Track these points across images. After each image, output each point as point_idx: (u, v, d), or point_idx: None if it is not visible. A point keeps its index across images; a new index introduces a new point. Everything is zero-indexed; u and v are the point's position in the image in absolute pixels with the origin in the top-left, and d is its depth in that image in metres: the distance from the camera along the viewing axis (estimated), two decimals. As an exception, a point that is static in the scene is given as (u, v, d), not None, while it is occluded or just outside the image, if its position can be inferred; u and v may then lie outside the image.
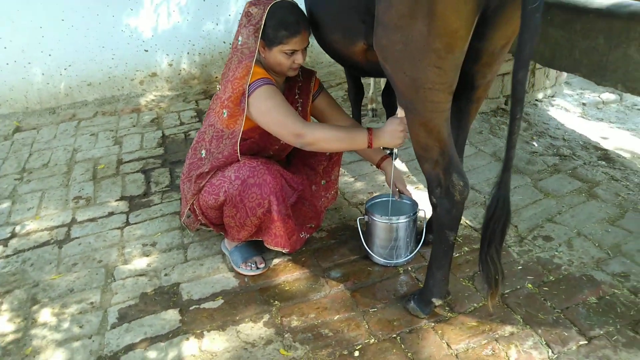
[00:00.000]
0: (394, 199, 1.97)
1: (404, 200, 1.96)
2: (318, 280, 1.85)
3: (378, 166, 1.99)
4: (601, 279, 1.74)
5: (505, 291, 1.72)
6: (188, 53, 3.91)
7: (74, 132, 3.31)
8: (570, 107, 3.24)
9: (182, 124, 3.37)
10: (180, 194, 2.00)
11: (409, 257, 1.88)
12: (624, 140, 2.81)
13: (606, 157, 2.58)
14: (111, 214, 2.37)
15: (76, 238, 2.20)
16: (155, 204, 2.43)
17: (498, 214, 1.36)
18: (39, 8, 3.40)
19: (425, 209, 1.89)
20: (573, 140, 2.79)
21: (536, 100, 3.27)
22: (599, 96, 3.37)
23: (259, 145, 1.88)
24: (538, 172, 2.46)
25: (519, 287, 1.74)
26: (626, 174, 2.40)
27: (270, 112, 1.67)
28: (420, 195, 2.23)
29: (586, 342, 1.50)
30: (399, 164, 2.56)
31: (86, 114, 3.59)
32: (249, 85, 1.66)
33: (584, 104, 3.28)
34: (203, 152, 1.84)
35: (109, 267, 2.00)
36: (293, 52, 1.71)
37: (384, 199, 2.01)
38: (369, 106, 3.13)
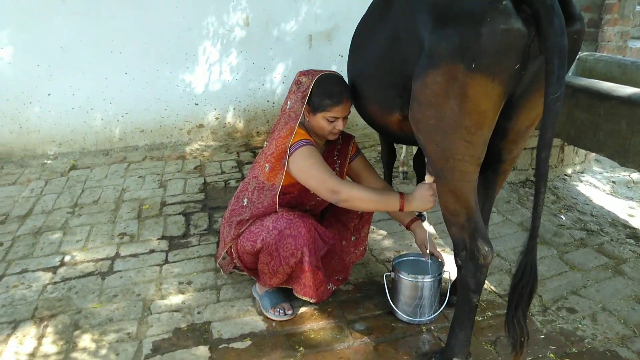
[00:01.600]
0: (423, 259, 2.05)
1: (431, 261, 2.04)
2: (343, 331, 1.92)
3: (407, 227, 2.09)
4: (626, 355, 1.75)
5: (528, 359, 1.74)
6: (234, 108, 4.22)
7: (124, 173, 3.57)
8: (599, 184, 3.29)
9: (223, 172, 3.59)
10: (219, 237, 2.14)
11: (432, 316, 1.94)
12: (653, 219, 2.83)
13: (634, 235, 2.61)
14: (152, 251, 2.53)
15: (118, 271, 2.35)
16: (193, 246, 2.58)
17: (525, 279, 1.43)
18: (107, 62, 3.79)
19: (451, 271, 1.96)
20: (601, 216, 2.83)
21: (565, 175, 3.35)
22: (629, 175, 3.42)
23: (297, 200, 2.03)
24: (564, 244, 2.50)
25: (541, 355, 1.76)
26: (655, 253, 2.42)
27: (310, 170, 1.83)
28: (446, 257, 2.30)
29: (607, 417, 1.50)
30: (426, 226, 2.65)
31: (136, 157, 3.87)
32: (292, 144, 1.84)
33: (613, 182, 3.33)
34: (245, 200, 2.00)
35: (146, 300, 2.13)
36: (335, 119, 1.89)
37: (411, 257, 2.10)
38: (400, 169, 3.28)
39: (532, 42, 1.29)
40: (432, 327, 1.92)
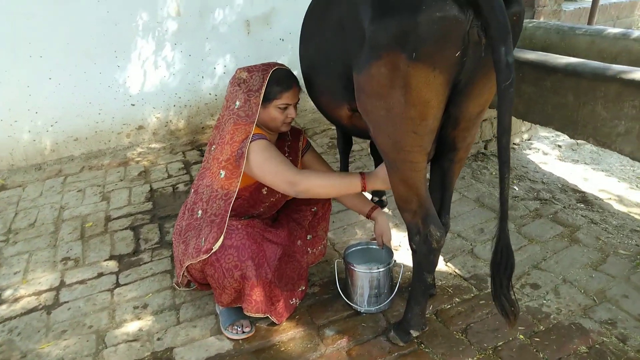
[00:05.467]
0: (373, 247, 2.06)
1: (383, 248, 2.02)
2: (313, 339, 1.85)
3: (368, 216, 2.03)
4: (589, 327, 1.79)
5: (498, 343, 1.75)
6: (174, 105, 3.98)
7: (61, 188, 3.31)
8: (547, 149, 3.37)
9: (169, 176, 3.39)
10: (173, 255, 2.00)
11: (386, 302, 1.94)
12: (600, 181, 2.92)
13: (584, 199, 2.68)
14: (100, 274, 2.35)
15: (65, 302, 2.17)
16: (145, 263, 2.42)
17: (504, 261, 1.46)
18: (27, 67, 3.44)
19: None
20: (552, 183, 2.89)
21: (514, 144, 3.40)
22: (573, 138, 3.52)
23: (249, 202, 1.91)
24: (520, 217, 2.54)
25: (511, 338, 1.77)
26: (604, 217, 2.49)
27: (265, 163, 1.72)
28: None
29: (580, 394, 1.53)
30: (386, 212, 2.61)
31: (73, 169, 3.60)
32: (243, 140, 1.72)
33: (559, 146, 3.42)
34: (200, 212, 1.86)
35: (100, 332, 1.97)
36: (286, 106, 1.79)
37: (360, 247, 2.09)
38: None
39: (470, 28, 1.25)
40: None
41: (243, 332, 1.87)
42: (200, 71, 3.97)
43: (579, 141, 3.46)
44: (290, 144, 2.03)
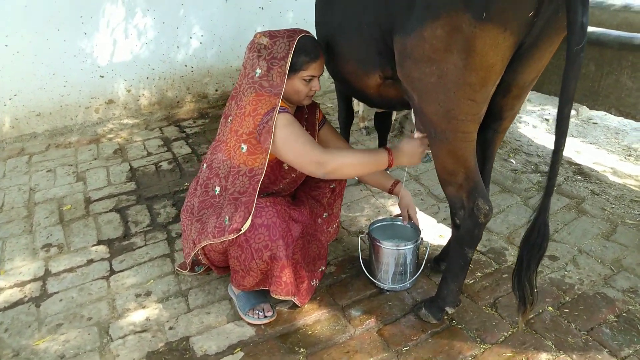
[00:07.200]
0: (399, 223, 1.98)
1: (409, 225, 1.95)
2: (339, 320, 1.76)
3: (390, 192, 1.95)
4: (614, 296, 1.81)
5: (530, 316, 1.73)
6: (147, 78, 3.69)
7: (27, 168, 2.99)
8: (537, 123, 3.41)
9: (149, 154, 3.15)
10: (183, 235, 1.83)
11: (411, 280, 1.88)
12: (591, 154, 2.98)
13: (581, 171, 2.72)
14: (91, 261, 2.14)
15: (55, 293, 1.95)
16: (139, 247, 2.23)
17: (539, 242, 1.38)
18: (-22, 33, 3.06)
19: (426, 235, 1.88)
20: (547, 156, 2.92)
21: (504, 118, 3.41)
22: (558, 112, 3.57)
23: (270, 178, 1.77)
24: (525, 190, 2.54)
25: (541, 311, 1.75)
26: (603, 188, 2.54)
27: (288, 141, 1.56)
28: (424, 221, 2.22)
29: (619, 363, 1.54)
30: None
31: (37, 147, 3.27)
32: (265, 114, 1.56)
33: (546, 120, 3.47)
34: (217, 188, 1.70)
35: (101, 324, 1.79)
36: (311, 78, 1.65)
37: (385, 223, 2.00)
38: (361, 124, 3.10)
39: None
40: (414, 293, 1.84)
41: (265, 316, 1.75)
42: (175, 41, 3.69)
43: (564, 115, 3.52)
44: (307, 117, 1.89)
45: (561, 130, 1.26)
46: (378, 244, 1.83)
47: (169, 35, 3.65)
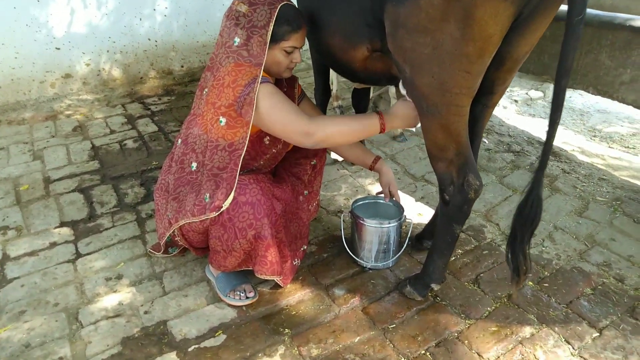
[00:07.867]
0: (381, 201, 1.95)
1: (391, 203, 1.92)
2: (323, 299, 1.72)
3: (371, 168, 1.90)
4: (589, 270, 1.86)
5: (511, 291, 1.75)
6: (108, 51, 3.47)
7: (-24, 146, 2.76)
8: (507, 103, 3.45)
9: (112, 132, 2.98)
10: (157, 214, 1.73)
11: (394, 258, 1.87)
12: (559, 134, 3.05)
13: (552, 151, 2.78)
14: (54, 244, 2.00)
15: (16, 278, 1.81)
16: (106, 229, 2.10)
17: (532, 215, 1.39)
18: None
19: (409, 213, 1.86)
20: (518, 136, 2.96)
21: (476, 98, 3.43)
22: (526, 93, 3.64)
23: (250, 154, 1.69)
24: (499, 169, 2.57)
25: (522, 286, 1.78)
26: (573, 167, 2.61)
27: (274, 111, 1.49)
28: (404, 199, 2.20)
29: (598, 334, 1.57)
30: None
31: (-13, 123, 3.02)
32: (246, 84, 1.48)
33: (516, 101, 3.52)
34: (194, 164, 1.60)
35: (69, 310, 1.67)
36: (293, 49, 1.56)
37: (367, 201, 1.97)
38: (334, 103, 3.03)
39: None
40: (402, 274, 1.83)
41: (247, 297, 1.68)
42: (137, 12, 3.48)
43: (532, 96, 3.59)
44: (286, 90, 1.81)
45: (557, 104, 1.25)
46: (362, 222, 1.80)
47: (131, 6, 3.43)
